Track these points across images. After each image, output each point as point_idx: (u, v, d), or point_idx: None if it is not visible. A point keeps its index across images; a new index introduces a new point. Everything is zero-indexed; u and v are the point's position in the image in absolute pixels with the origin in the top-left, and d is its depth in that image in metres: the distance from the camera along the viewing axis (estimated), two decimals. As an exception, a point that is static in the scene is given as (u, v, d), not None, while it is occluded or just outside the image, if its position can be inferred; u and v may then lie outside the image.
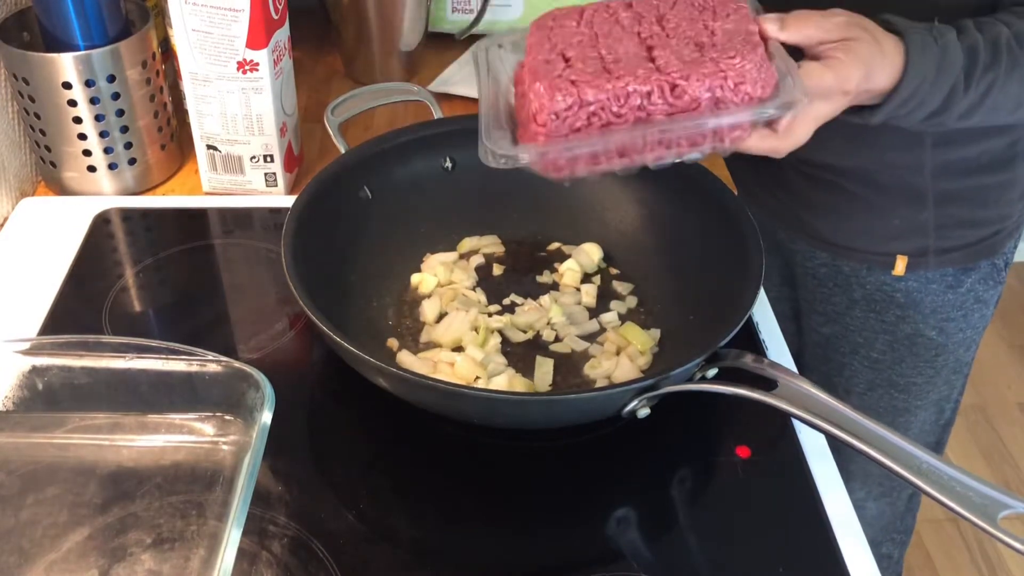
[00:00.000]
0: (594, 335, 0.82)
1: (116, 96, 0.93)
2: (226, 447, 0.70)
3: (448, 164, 0.90)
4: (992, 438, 1.99)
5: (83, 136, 0.94)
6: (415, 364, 0.77)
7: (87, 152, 0.95)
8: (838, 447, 0.68)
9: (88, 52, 0.90)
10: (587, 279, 0.88)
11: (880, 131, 0.75)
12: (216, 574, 0.56)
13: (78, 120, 0.93)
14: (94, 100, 0.92)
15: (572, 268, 0.88)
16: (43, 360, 0.69)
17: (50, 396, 0.70)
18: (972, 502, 0.58)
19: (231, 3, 0.86)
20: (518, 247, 0.92)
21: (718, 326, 0.69)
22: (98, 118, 0.93)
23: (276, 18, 0.91)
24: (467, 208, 0.91)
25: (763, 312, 0.87)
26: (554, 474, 0.72)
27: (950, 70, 0.69)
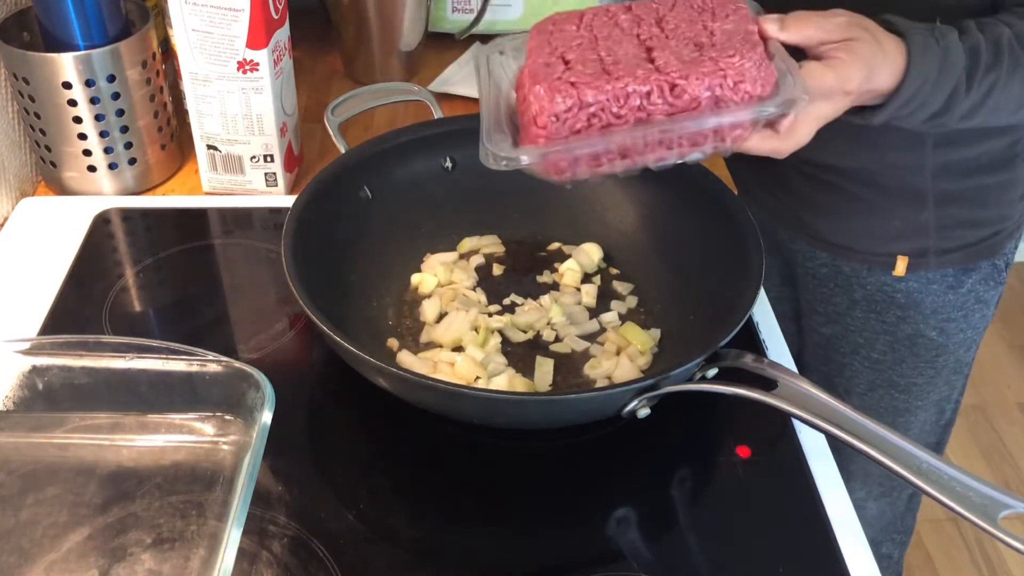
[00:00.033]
0: (594, 335, 0.82)
1: (116, 96, 0.93)
2: (226, 447, 0.70)
3: (448, 164, 0.90)
4: (992, 438, 1.99)
5: (83, 136, 0.94)
6: (415, 364, 0.77)
7: (87, 152, 0.95)
8: (838, 447, 0.68)
9: (88, 52, 0.90)
10: (587, 279, 0.88)
11: (881, 132, 0.75)
12: (216, 574, 0.56)
13: (78, 120, 0.93)
14: (94, 100, 0.92)
15: (572, 268, 0.88)
16: (43, 360, 0.69)
17: (50, 396, 0.70)
18: (972, 502, 0.58)
19: (231, 3, 0.86)
20: (518, 247, 0.92)
21: (718, 326, 0.69)
22: (98, 118, 0.93)
23: (276, 18, 0.91)
24: (467, 208, 0.91)
25: (763, 312, 0.87)
26: (554, 474, 0.72)
27: (952, 71, 0.69)
